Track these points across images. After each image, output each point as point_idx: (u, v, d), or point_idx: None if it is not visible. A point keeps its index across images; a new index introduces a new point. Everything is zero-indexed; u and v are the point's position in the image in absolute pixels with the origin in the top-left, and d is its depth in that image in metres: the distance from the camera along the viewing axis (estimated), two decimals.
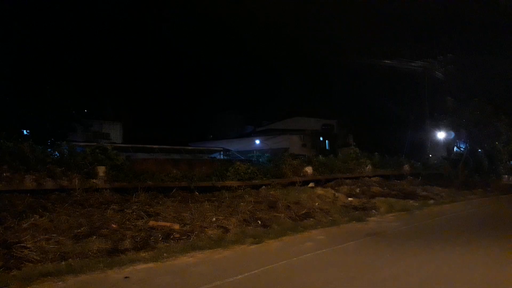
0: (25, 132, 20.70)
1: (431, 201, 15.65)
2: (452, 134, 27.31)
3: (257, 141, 41.21)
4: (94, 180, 10.35)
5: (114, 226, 8.13)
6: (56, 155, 11.03)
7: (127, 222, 8.44)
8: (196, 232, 8.41)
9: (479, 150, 24.47)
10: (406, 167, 21.70)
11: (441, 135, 29.00)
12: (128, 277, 5.88)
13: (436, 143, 29.91)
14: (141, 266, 6.42)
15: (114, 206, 9.24)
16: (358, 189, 15.74)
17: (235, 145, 38.22)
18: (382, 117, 34.60)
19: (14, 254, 6.34)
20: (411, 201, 14.94)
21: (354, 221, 11.05)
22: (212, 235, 8.44)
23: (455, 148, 26.57)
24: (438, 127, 26.72)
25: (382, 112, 35.09)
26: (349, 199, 14.02)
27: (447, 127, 25.47)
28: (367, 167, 19.04)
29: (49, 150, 11.41)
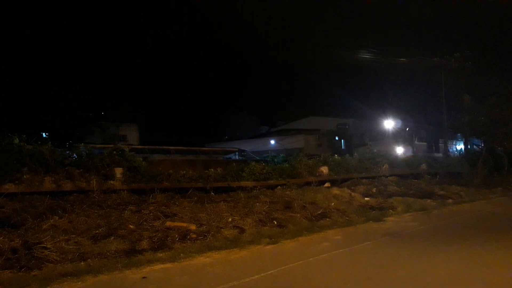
0: (44, 134, 21.10)
1: (450, 201, 15.41)
2: (400, 122, 26.21)
3: (272, 142, 41.22)
4: (112, 182, 10.49)
5: (132, 226, 8.22)
6: (74, 157, 11.20)
7: (144, 223, 8.53)
8: (213, 233, 8.45)
9: (499, 148, 24.01)
10: (424, 166, 21.44)
11: (388, 123, 27.38)
12: (145, 277, 5.94)
13: (383, 133, 28.40)
14: (158, 266, 6.48)
15: (132, 207, 9.35)
16: (375, 188, 15.60)
17: (250, 146, 38.30)
18: (398, 115, 34.17)
19: (35, 254, 6.47)
20: (429, 201, 14.75)
21: (371, 221, 10.95)
22: (228, 235, 8.46)
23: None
24: (455, 126, 26.21)
25: (398, 110, 34.72)
26: (366, 199, 13.91)
27: (465, 125, 24.98)
28: (384, 167, 18.85)
29: (67, 152, 11.59)
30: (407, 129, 26.78)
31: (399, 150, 26.24)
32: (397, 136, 26.87)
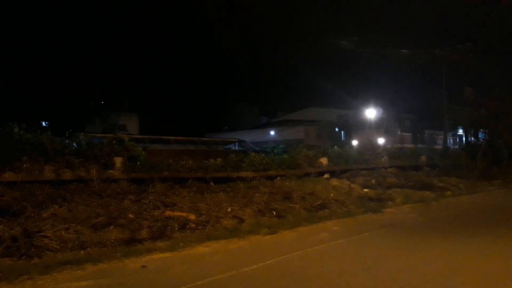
0: (44, 123, 21.09)
1: (449, 192, 15.45)
2: (381, 111, 25.19)
3: (272, 132, 41.20)
4: (111, 171, 10.49)
5: (131, 216, 8.24)
6: (74, 146, 11.20)
7: (144, 212, 8.55)
8: (212, 222, 8.48)
9: (499, 140, 23.98)
10: (423, 158, 21.46)
11: (370, 112, 26.07)
12: (145, 266, 5.97)
13: (363, 123, 27.08)
14: (157, 256, 6.51)
15: (131, 197, 9.37)
16: (374, 180, 15.62)
17: (250, 136, 38.31)
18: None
19: (35, 243, 6.50)
20: (428, 192, 14.77)
21: (369, 212, 10.99)
22: (227, 225, 8.49)
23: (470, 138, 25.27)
24: (455, 118, 26.03)
25: (398, 101, 34.59)
26: (365, 190, 13.93)
27: (466, 118, 24.88)
28: (383, 158, 18.88)
29: (67, 141, 11.58)
30: (390, 119, 25.79)
31: (381, 141, 24.85)
32: (379, 126, 25.87)
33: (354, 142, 25.92)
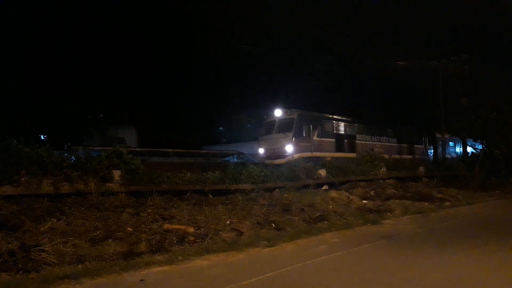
0: (42, 137, 21.06)
1: (447, 203, 15.44)
2: (289, 111, 21.28)
3: None
4: (110, 184, 10.48)
5: (130, 229, 8.22)
6: (73, 159, 11.18)
7: (142, 225, 8.53)
8: (211, 235, 8.45)
9: (496, 151, 24.04)
10: (421, 169, 21.47)
11: (278, 113, 21.50)
12: (143, 279, 5.94)
13: (270, 127, 22.07)
14: (156, 269, 6.48)
15: (130, 210, 9.33)
16: (373, 191, 15.62)
17: (249, 148, 38.22)
18: (397, 118, 34.01)
19: (33, 257, 6.46)
20: (426, 203, 14.76)
21: (368, 224, 10.97)
22: (226, 238, 8.47)
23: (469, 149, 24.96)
24: (453, 128, 26.05)
25: (397, 113, 34.66)
26: (364, 201, 13.92)
27: (463, 129, 24.91)
28: (382, 169, 18.89)
29: (65, 154, 11.57)
30: (302, 121, 20.96)
31: (289, 148, 20.53)
32: (287, 130, 20.85)
33: (261, 151, 22.48)
